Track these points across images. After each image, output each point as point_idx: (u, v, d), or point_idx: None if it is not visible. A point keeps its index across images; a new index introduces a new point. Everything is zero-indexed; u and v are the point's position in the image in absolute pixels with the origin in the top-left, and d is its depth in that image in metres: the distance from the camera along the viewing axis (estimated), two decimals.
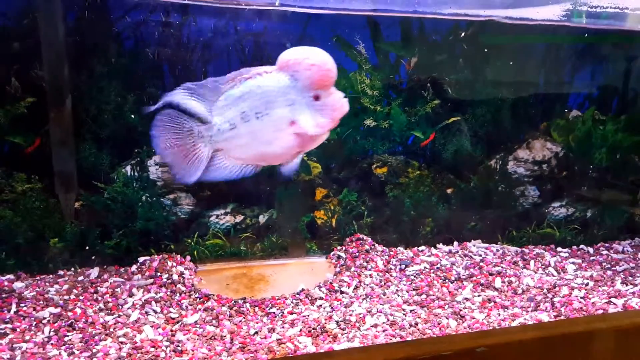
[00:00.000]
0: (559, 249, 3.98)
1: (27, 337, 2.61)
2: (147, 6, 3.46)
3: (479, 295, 3.20)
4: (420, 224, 3.84)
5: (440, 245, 3.85)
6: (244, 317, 2.93)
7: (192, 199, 3.65)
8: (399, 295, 3.15)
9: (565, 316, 2.99)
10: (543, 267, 3.64)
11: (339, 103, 2.16)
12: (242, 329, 2.79)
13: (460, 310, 3.00)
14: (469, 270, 3.48)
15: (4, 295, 2.93)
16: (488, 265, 3.57)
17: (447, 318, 2.92)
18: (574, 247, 4.01)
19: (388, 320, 2.87)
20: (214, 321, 2.85)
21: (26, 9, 3.27)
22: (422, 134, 3.79)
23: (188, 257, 3.49)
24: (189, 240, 3.55)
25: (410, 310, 2.99)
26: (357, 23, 3.67)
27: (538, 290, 3.28)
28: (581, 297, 3.19)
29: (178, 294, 3.07)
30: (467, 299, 3.15)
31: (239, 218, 3.72)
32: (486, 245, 3.90)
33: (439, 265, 3.51)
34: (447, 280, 3.35)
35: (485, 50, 3.89)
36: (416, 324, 2.86)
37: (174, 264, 3.36)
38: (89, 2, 3.32)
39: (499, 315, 2.99)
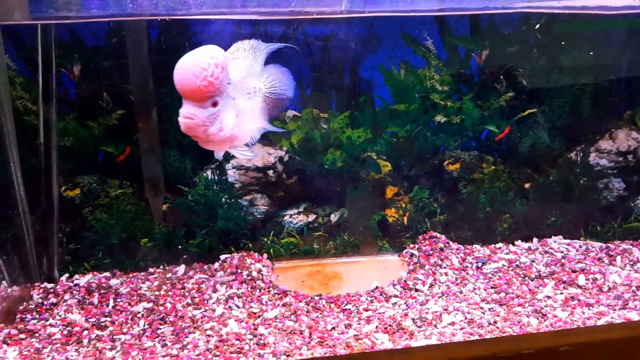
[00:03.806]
0: None
1: (124, 330, 2.85)
2: (220, 20, 3.65)
3: (562, 293, 3.07)
4: (497, 220, 3.74)
5: (518, 242, 3.72)
6: (320, 313, 3.01)
7: (266, 199, 3.80)
8: (476, 294, 3.10)
9: None
10: (631, 263, 3.42)
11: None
12: (320, 324, 2.88)
13: (542, 308, 2.90)
14: (550, 267, 3.35)
15: (102, 291, 3.21)
16: (570, 262, 3.41)
17: (527, 316, 2.83)
18: None
19: (466, 318, 2.83)
20: (292, 316, 2.96)
21: (115, 29, 3.55)
22: (496, 128, 3.69)
23: (265, 255, 3.64)
24: (265, 239, 3.71)
25: (489, 309, 2.93)
26: (424, 19, 3.64)
27: (626, 288, 3.09)
28: None
29: (258, 290, 3.22)
30: (548, 297, 3.03)
31: (312, 217, 3.83)
32: (568, 241, 3.72)
33: (517, 263, 3.40)
34: (526, 278, 3.25)
35: (561, 38, 3.72)
36: (495, 322, 2.80)
37: (253, 261, 3.52)
38: (169, 20, 3.55)
39: (584, 313, 2.86)
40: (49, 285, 3.29)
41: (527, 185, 3.80)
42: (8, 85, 3.29)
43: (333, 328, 2.83)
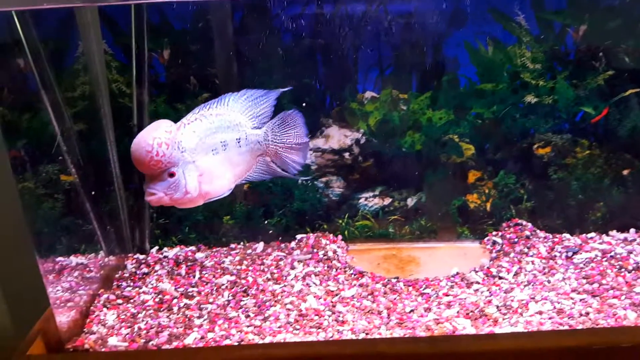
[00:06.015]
0: None
1: (210, 300, 2.98)
2: (302, 1, 3.66)
3: None
4: (590, 208, 3.50)
5: (613, 232, 3.46)
6: (398, 295, 2.98)
7: (342, 182, 3.81)
8: (566, 283, 2.92)
9: None
10: None
11: None
12: (398, 306, 2.85)
13: None
14: None
15: (189, 264, 3.38)
16: None
17: (624, 309, 2.63)
18: None
19: (554, 307, 2.68)
20: (369, 297, 2.95)
21: (201, 13, 3.67)
22: (593, 109, 3.43)
23: (340, 237, 3.65)
24: (340, 221, 3.72)
25: (580, 299, 2.76)
26: None
27: None
28: None
29: (334, 270, 3.24)
30: None
31: (387, 201, 3.79)
32: None
33: (612, 254, 3.16)
34: (623, 270, 3.01)
35: None
36: (587, 313, 2.63)
37: (328, 242, 3.55)
38: (251, 3, 3.62)
39: None
40: (141, 257, 3.52)
41: (625, 172, 3.50)
42: (105, 70, 3.52)
43: (412, 310, 2.79)
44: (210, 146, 2.46)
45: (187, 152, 2.38)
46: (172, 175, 2.33)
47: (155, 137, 2.26)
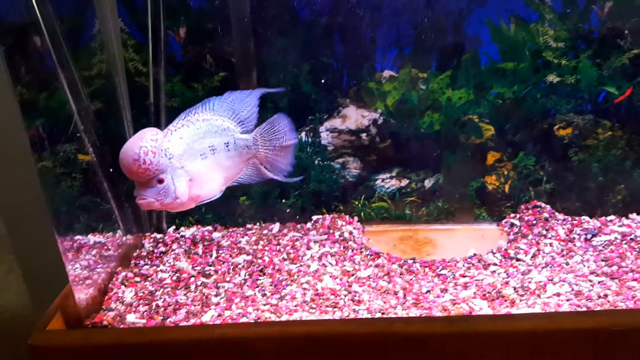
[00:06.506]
0: None
1: (227, 279, 3.00)
2: None
3: None
4: (610, 191, 3.44)
5: (633, 215, 3.41)
6: (414, 276, 2.98)
7: (359, 162, 3.79)
8: (584, 265, 2.89)
9: None
10: None
11: None
12: (414, 286, 2.85)
13: None
14: None
15: (206, 243, 3.41)
16: None
17: None
18: None
19: (572, 289, 2.66)
20: (385, 277, 2.96)
21: None
22: (616, 89, 3.34)
23: (356, 218, 3.64)
24: (356, 202, 3.71)
25: (599, 282, 2.73)
26: None
27: None
28: None
29: (350, 250, 3.24)
30: None
31: (404, 182, 3.76)
32: None
33: (632, 236, 3.11)
34: None
35: None
36: (606, 295, 2.60)
37: (344, 223, 3.55)
38: None
39: None
40: (158, 236, 3.54)
41: None
42: (122, 48, 3.50)
43: (428, 291, 2.79)
44: (198, 151, 2.48)
45: (174, 159, 2.40)
46: (161, 181, 2.36)
47: (142, 146, 2.29)
